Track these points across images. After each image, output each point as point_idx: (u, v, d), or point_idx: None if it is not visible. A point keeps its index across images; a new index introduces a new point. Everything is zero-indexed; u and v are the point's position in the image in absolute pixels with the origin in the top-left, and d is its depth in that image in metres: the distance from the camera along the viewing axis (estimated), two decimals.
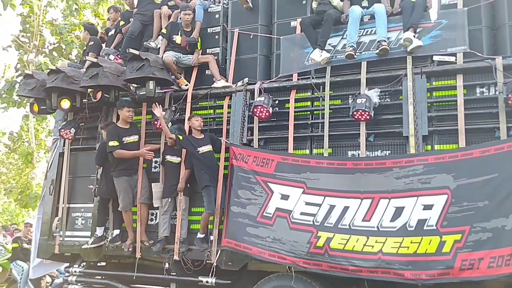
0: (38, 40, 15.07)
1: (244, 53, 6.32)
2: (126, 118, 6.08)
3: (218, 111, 6.14)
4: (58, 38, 14.89)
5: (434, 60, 5.10)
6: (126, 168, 6.06)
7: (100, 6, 15.25)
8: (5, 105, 15.35)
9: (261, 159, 5.52)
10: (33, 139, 16.17)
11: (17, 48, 15.11)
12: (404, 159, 4.86)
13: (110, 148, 5.90)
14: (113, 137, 5.94)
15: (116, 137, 5.93)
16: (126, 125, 6.12)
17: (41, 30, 15.14)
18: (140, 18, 7.10)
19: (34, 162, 15.93)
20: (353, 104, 5.08)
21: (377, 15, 5.33)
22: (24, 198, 15.52)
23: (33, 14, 14.64)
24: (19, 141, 19.24)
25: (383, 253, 4.71)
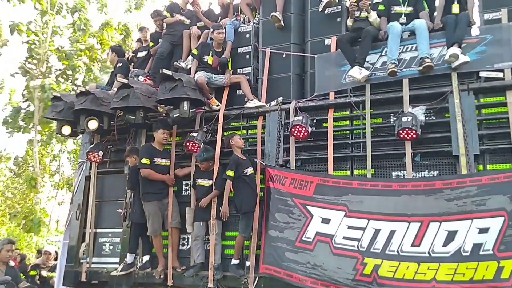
0: (44, 67, 15.20)
1: (276, 72, 6.21)
2: (161, 140, 5.95)
3: (251, 132, 5.98)
4: (66, 63, 14.98)
5: (480, 76, 4.91)
6: (156, 192, 5.90)
7: (105, 31, 15.39)
8: (11, 130, 15.42)
9: (299, 181, 5.32)
10: (37, 164, 16.16)
11: (24, 74, 15.20)
12: (456, 180, 4.63)
13: (140, 165, 5.80)
14: (146, 155, 5.85)
15: (148, 155, 5.84)
16: (160, 147, 6.00)
17: (48, 56, 15.26)
18: (169, 39, 7.05)
19: (38, 187, 15.87)
20: (398, 122, 4.89)
21: (418, 31, 5.18)
22: (28, 223, 15.42)
23: (40, 41, 14.79)
24: (24, 166, 19.29)
25: (437, 280, 4.45)
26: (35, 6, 14.95)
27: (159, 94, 5.89)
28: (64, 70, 15.41)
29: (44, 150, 18.78)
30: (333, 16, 6.03)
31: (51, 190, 20.44)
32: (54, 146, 18.65)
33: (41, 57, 14.91)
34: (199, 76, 6.05)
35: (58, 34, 15.45)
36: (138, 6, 15.62)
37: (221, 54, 6.40)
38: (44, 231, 16.70)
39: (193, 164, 6.09)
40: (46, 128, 15.92)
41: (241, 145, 5.60)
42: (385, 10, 5.76)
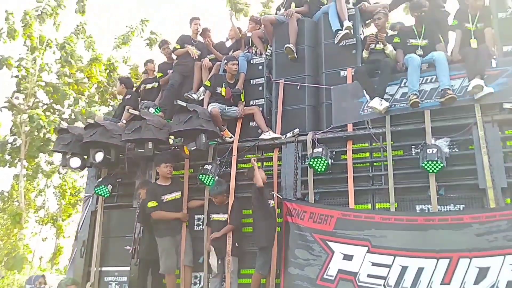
0: (32, 102, 15.13)
1: (291, 104, 6.14)
2: (165, 174, 5.79)
3: (266, 164, 5.85)
4: (55, 96, 14.91)
5: (504, 108, 4.86)
6: (171, 227, 5.70)
7: (94, 66, 15.43)
8: None
9: (319, 216, 5.15)
10: (22, 199, 15.84)
11: (10, 108, 15.08)
12: (484, 214, 4.49)
13: (148, 210, 5.61)
14: (152, 197, 5.66)
15: (154, 197, 5.65)
16: (167, 182, 5.83)
17: (35, 91, 15.19)
18: (180, 70, 7.00)
19: (23, 223, 15.46)
20: (422, 154, 4.79)
21: (438, 63, 5.17)
22: (11, 260, 14.93)
23: (29, 75, 14.76)
24: (9, 200, 18.93)
25: None
26: (25, 42, 15.06)
27: (172, 126, 5.78)
28: (50, 104, 15.37)
29: (30, 184, 18.60)
30: (348, 48, 6.03)
31: (35, 226, 20.13)
32: (40, 181, 18.46)
33: (28, 91, 14.86)
34: (213, 107, 5.96)
35: (46, 71, 15.49)
36: (126, 41, 15.68)
37: (234, 86, 6.35)
38: (27, 268, 16.22)
39: (206, 198, 5.91)
40: (32, 163, 15.79)
41: (264, 177, 5.43)
42: (400, 43, 5.76)
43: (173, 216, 5.72)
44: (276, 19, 6.56)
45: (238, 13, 11.39)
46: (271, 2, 12.43)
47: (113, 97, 14.85)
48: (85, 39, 15.80)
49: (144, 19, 14.77)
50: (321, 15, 6.41)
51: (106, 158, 6.30)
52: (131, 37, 15.75)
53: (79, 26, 15.71)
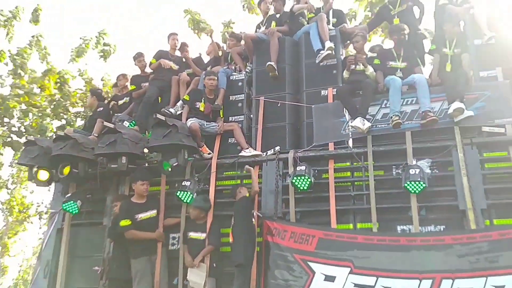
0: None
1: (271, 122, 6.10)
2: (142, 192, 5.56)
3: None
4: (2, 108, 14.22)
5: (482, 131, 4.99)
6: (146, 247, 5.44)
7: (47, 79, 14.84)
8: None
9: (300, 235, 5.06)
10: None
11: None
12: (465, 235, 4.55)
13: (121, 228, 5.34)
14: (125, 215, 5.40)
15: (127, 215, 5.39)
16: (142, 200, 5.59)
17: None
18: (157, 84, 6.84)
19: None
20: (405, 175, 4.82)
21: (419, 85, 5.28)
22: None
23: None
24: None
25: None
26: None
27: (150, 140, 5.58)
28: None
29: None
30: (329, 68, 6.09)
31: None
32: None
33: None
34: (192, 122, 5.82)
35: None
36: (80, 54, 15.06)
37: (213, 101, 6.25)
38: None
39: (183, 216, 5.70)
40: None
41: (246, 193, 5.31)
42: (380, 65, 5.87)
43: (148, 237, 5.48)
44: (257, 36, 6.56)
45: (200, 31, 11.28)
46: (232, 23, 12.42)
47: (65, 110, 14.15)
48: (40, 51, 15.15)
49: (101, 32, 14.12)
50: (302, 34, 6.46)
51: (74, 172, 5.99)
52: (86, 49, 15.00)
53: (34, 37, 15.10)
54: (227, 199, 5.67)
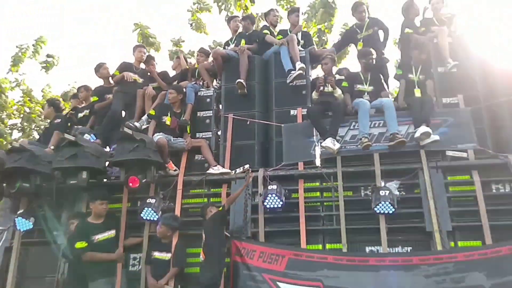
0: None
1: (240, 139, 6.04)
2: (100, 212, 5.28)
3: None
4: None
5: (447, 155, 5.18)
6: (104, 269, 5.14)
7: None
8: None
9: (269, 255, 4.98)
10: None
11: None
12: (432, 256, 4.64)
13: (76, 251, 5.05)
14: (81, 237, 5.10)
15: (83, 236, 5.10)
16: (99, 220, 5.31)
17: None
18: (122, 97, 6.61)
19: None
20: (375, 196, 4.89)
21: (387, 109, 5.42)
22: None
23: None
24: None
25: None
26: None
27: (115, 155, 5.34)
28: None
29: None
30: (299, 88, 6.14)
31: None
32: None
33: None
34: (159, 137, 5.65)
35: None
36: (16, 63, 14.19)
37: (180, 116, 6.12)
38: None
39: (146, 235, 5.46)
40: None
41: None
42: (348, 87, 6.00)
43: (107, 258, 5.19)
44: (227, 53, 6.52)
45: (149, 46, 11.15)
46: (181, 42, 12.35)
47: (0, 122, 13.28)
48: None
49: (38, 39, 13.26)
50: (272, 54, 6.51)
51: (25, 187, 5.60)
52: (23, 58, 14.09)
53: None
54: (193, 217, 5.51)
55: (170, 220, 5.23)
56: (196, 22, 11.20)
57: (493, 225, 4.73)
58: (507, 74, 5.52)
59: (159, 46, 11.69)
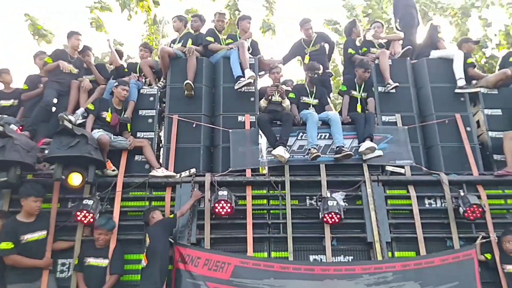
0: None
1: (184, 142, 5.83)
2: (32, 211, 4.77)
3: (155, 203, 5.33)
4: None
5: (386, 170, 5.51)
6: (26, 272, 4.63)
7: None
8: None
9: (215, 262, 4.87)
10: None
11: None
12: (373, 265, 4.88)
13: (1, 252, 4.50)
14: (7, 237, 4.58)
15: (10, 236, 4.58)
16: (30, 218, 4.80)
17: None
18: (56, 87, 6.05)
19: None
20: (323, 206, 5.03)
21: (333, 122, 5.63)
22: None
23: None
24: None
25: None
26: None
27: (51, 150, 4.85)
28: None
29: None
30: (247, 95, 6.12)
31: None
32: None
33: None
34: (101, 134, 5.26)
35: None
36: None
37: (121, 113, 5.77)
38: None
39: (78, 239, 5.03)
40: None
41: (160, 216, 4.92)
42: (295, 98, 6.14)
43: (33, 264, 4.70)
44: (174, 52, 6.31)
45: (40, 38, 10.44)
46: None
47: None
48: None
49: None
50: (221, 58, 6.41)
51: None
52: None
53: None
54: (132, 221, 5.22)
55: (103, 221, 4.85)
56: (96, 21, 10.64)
57: (427, 237, 5.11)
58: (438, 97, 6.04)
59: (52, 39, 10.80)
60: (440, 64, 6.31)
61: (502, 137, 5.72)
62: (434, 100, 6.05)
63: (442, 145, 5.77)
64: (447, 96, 6.09)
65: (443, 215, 5.26)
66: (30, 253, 4.68)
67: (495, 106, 6.05)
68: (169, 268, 4.85)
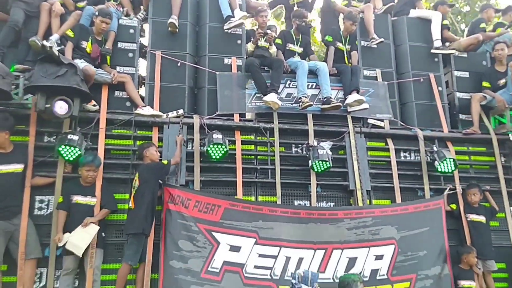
0: None
1: (166, 81, 5.62)
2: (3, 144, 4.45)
3: (140, 143, 5.15)
4: None
5: (368, 123, 5.78)
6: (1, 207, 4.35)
7: None
8: None
9: (205, 204, 4.92)
10: None
11: None
12: (354, 210, 5.23)
13: None
14: None
15: None
16: (6, 149, 4.48)
17: None
18: (23, 7, 5.42)
19: None
20: (313, 154, 5.20)
21: (322, 73, 5.72)
22: None
23: None
24: None
25: None
26: None
27: (35, 78, 4.43)
28: None
29: None
30: (234, 37, 5.96)
31: None
32: None
33: None
34: (86, 65, 4.89)
35: None
36: None
37: (101, 44, 5.38)
38: None
39: (58, 175, 4.77)
40: None
41: (156, 159, 4.79)
42: (281, 45, 6.11)
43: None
44: None
45: None
46: None
47: None
48: None
49: None
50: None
51: None
52: None
53: None
54: (116, 160, 5.04)
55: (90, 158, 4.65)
56: None
57: (401, 187, 5.54)
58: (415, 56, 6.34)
59: None
60: (419, 24, 6.58)
61: (468, 98, 6.24)
62: (411, 59, 6.36)
63: (417, 102, 6.15)
64: (423, 56, 6.42)
65: (416, 168, 5.70)
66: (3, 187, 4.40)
67: (463, 68, 6.51)
68: (158, 209, 4.82)
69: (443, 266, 5.17)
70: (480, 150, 5.97)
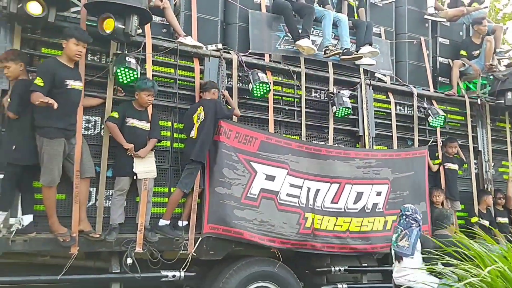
0: None
1: (200, 12, 5.78)
2: (72, 55, 4.42)
3: (180, 73, 5.37)
4: None
5: (375, 76, 6.64)
6: (66, 127, 4.42)
7: None
8: None
9: (244, 136, 5.45)
10: None
11: None
12: (363, 152, 6.19)
13: (34, 86, 4.15)
14: (44, 74, 4.22)
15: (48, 75, 4.22)
16: (70, 63, 4.47)
17: None
18: None
19: None
20: (337, 100, 5.94)
21: (343, 24, 6.34)
22: None
23: None
24: None
25: (350, 231, 5.88)
26: None
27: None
28: None
29: None
30: None
31: None
32: None
33: None
34: None
35: None
36: None
37: None
38: None
39: (108, 96, 4.87)
40: None
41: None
42: None
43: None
44: None
45: None
46: None
47: None
48: None
49: None
50: None
51: None
52: None
53: None
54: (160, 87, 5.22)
55: (150, 83, 4.86)
56: None
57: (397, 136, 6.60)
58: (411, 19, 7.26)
59: None
60: None
61: (446, 63, 7.44)
62: (408, 21, 7.27)
63: (409, 62, 7.15)
64: (417, 20, 7.38)
65: (408, 120, 6.79)
66: (74, 104, 4.47)
67: (446, 36, 7.63)
68: None
69: (422, 204, 6.40)
70: (454, 109, 7.26)
